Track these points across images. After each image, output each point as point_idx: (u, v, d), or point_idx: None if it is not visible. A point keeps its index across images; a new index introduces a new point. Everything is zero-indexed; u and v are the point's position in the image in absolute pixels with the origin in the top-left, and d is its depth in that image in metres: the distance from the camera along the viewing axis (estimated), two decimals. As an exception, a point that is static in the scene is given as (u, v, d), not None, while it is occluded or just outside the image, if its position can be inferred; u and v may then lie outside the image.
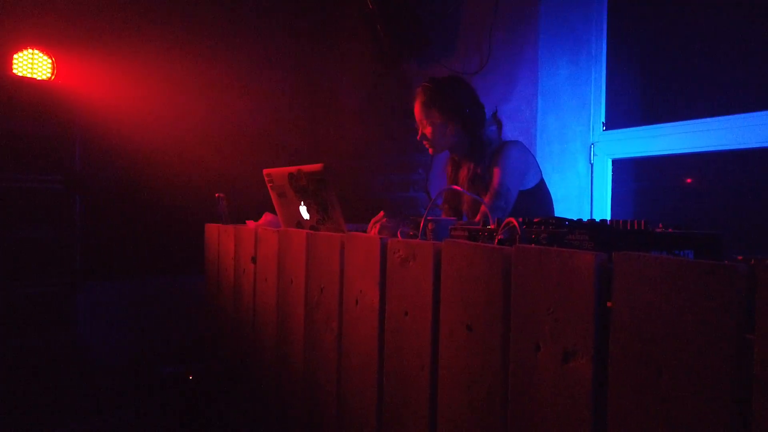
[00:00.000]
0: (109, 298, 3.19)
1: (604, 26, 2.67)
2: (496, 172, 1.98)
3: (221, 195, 2.21)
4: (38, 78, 2.76)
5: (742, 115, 2.16)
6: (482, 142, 2.10)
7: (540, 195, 2.08)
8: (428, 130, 2.08)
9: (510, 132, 2.71)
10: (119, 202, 3.21)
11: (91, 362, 3.01)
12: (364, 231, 1.71)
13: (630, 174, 2.71)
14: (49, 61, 2.79)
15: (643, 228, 1.08)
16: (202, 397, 2.49)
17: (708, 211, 2.45)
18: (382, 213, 1.73)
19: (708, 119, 2.27)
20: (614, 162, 2.67)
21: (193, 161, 3.37)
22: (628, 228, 1.08)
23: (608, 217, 2.66)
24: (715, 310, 0.65)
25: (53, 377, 2.69)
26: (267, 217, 2.17)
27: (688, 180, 2.57)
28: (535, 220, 1.08)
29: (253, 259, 1.84)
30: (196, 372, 2.79)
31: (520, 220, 1.07)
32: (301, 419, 1.56)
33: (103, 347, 3.11)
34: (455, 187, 1.69)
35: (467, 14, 2.96)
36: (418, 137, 2.14)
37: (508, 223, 1.06)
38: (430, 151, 2.15)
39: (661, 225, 1.18)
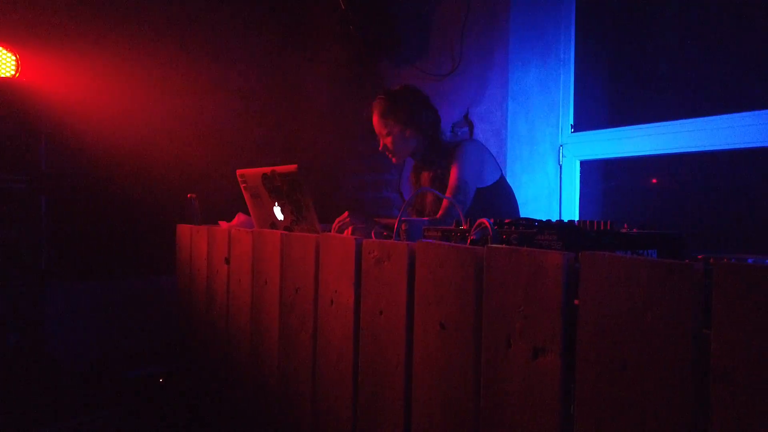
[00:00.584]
0: (77, 300, 3.13)
1: (572, 31, 2.74)
2: (454, 169, 2.05)
3: (193, 196, 2.20)
4: (2, 75, 2.69)
5: (705, 119, 2.25)
6: (440, 144, 2.20)
7: (500, 192, 2.14)
8: (388, 140, 2.18)
9: (481, 134, 2.76)
10: (86, 202, 3.15)
11: (58, 365, 2.95)
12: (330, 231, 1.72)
13: (597, 175, 2.78)
14: (13, 58, 2.72)
15: (609, 228, 1.12)
16: (174, 399, 2.47)
17: (672, 210, 2.54)
18: (346, 213, 1.75)
19: (672, 122, 2.35)
20: (582, 163, 2.73)
21: (162, 161, 3.33)
22: (595, 228, 1.12)
23: (576, 217, 2.73)
24: (675, 306, 0.68)
25: (18, 381, 2.63)
26: (240, 217, 2.17)
27: (654, 181, 2.66)
28: (506, 221, 1.11)
29: (227, 260, 1.84)
30: (167, 374, 2.76)
31: (492, 221, 1.09)
32: (276, 418, 1.57)
33: (70, 350, 3.05)
34: (426, 188, 1.73)
35: (439, 17, 3.00)
36: (380, 148, 2.22)
37: (480, 224, 1.09)
38: (393, 160, 2.25)
39: (626, 225, 1.23)
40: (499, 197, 2.13)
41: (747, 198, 2.28)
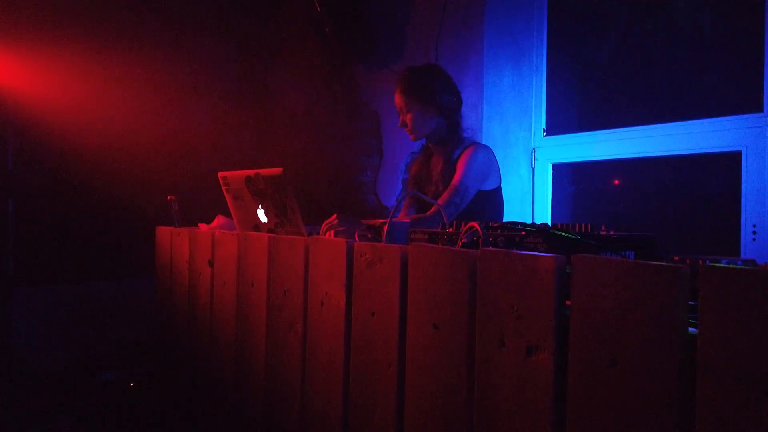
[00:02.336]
0: (47, 303, 3.06)
1: (545, 38, 2.82)
2: (460, 169, 2.08)
3: (173, 198, 2.18)
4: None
5: (670, 124, 2.35)
6: (458, 130, 2.21)
7: (496, 199, 2.20)
8: (408, 117, 2.18)
9: (457, 137, 2.81)
10: (57, 203, 3.08)
11: (27, 371, 2.88)
12: (316, 232, 1.74)
13: (568, 177, 2.87)
14: (-20, 55, 2.64)
15: (589, 231, 1.17)
16: (146, 402, 2.44)
17: (638, 212, 2.64)
18: (335, 216, 1.76)
19: (639, 127, 2.45)
20: (554, 166, 2.82)
21: (137, 163, 3.28)
22: (577, 231, 1.18)
23: (549, 219, 2.82)
24: (663, 306, 0.73)
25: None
26: (220, 219, 2.16)
27: (616, 182, 2.76)
28: (493, 224, 1.16)
29: (210, 263, 1.83)
30: (140, 378, 2.72)
31: (479, 223, 1.14)
32: (263, 422, 1.58)
33: (40, 354, 2.98)
34: (413, 191, 1.76)
35: (415, 22, 3.04)
36: (399, 124, 2.23)
37: (470, 228, 1.13)
38: (411, 137, 2.24)
39: (603, 228, 1.29)
40: (490, 203, 2.19)
41: (708, 201, 2.40)
